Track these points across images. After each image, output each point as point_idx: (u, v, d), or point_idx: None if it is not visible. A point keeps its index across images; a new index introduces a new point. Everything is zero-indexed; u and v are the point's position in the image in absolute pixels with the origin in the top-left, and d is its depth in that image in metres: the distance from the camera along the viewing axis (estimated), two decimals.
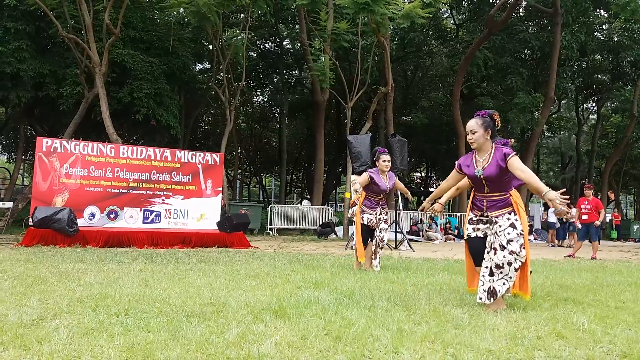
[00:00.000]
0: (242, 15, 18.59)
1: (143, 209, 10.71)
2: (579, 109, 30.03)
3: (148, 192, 10.81)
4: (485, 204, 4.11)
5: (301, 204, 19.21)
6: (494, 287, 3.95)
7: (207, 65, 23.65)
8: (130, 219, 10.58)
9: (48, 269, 5.62)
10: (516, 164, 3.89)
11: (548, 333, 3.21)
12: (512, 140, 4.62)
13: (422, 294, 4.56)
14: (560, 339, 3.10)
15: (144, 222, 10.66)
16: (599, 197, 21.32)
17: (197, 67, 22.40)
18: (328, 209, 18.01)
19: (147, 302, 3.82)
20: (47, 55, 16.05)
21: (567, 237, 16.94)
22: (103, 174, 10.43)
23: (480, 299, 4.01)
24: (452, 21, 25.49)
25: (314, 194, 19.12)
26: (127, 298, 3.94)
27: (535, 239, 19.44)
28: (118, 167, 10.58)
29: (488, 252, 4.05)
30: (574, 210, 11.45)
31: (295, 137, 31.42)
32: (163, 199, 10.93)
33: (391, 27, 17.29)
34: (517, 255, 3.91)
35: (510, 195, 4.10)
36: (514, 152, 4.01)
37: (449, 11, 24.91)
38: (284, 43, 25.10)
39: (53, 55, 16.15)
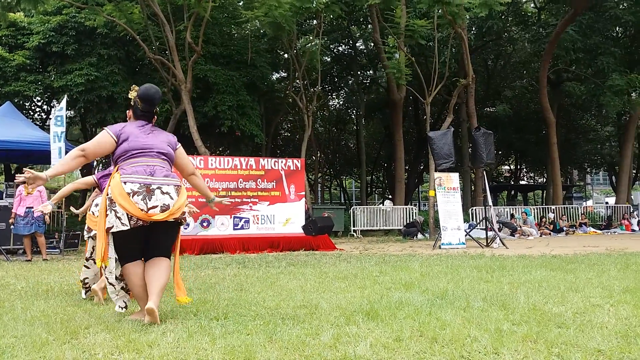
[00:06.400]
0: (315, 21, 18.84)
1: (233, 216, 11.15)
2: None
3: (236, 199, 11.23)
4: None
5: (383, 205, 19.06)
6: None
7: (283, 74, 24.21)
8: (222, 226, 11.04)
9: None
10: None
11: None
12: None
13: (519, 293, 4.36)
14: None
15: (234, 229, 11.08)
16: None
17: (274, 77, 22.98)
18: (412, 209, 17.74)
19: (244, 305, 3.96)
20: (137, 76, 17.19)
21: None
22: None
23: None
24: (532, 5, 24.22)
25: (395, 193, 18.91)
26: (224, 302, 4.11)
27: None
28: (208, 178, 11.07)
29: None
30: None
31: (373, 137, 31.28)
32: (251, 206, 11.32)
33: (468, 17, 16.76)
34: None
35: None
36: None
37: None
38: (357, 44, 25.10)
39: (142, 76, 17.27)
